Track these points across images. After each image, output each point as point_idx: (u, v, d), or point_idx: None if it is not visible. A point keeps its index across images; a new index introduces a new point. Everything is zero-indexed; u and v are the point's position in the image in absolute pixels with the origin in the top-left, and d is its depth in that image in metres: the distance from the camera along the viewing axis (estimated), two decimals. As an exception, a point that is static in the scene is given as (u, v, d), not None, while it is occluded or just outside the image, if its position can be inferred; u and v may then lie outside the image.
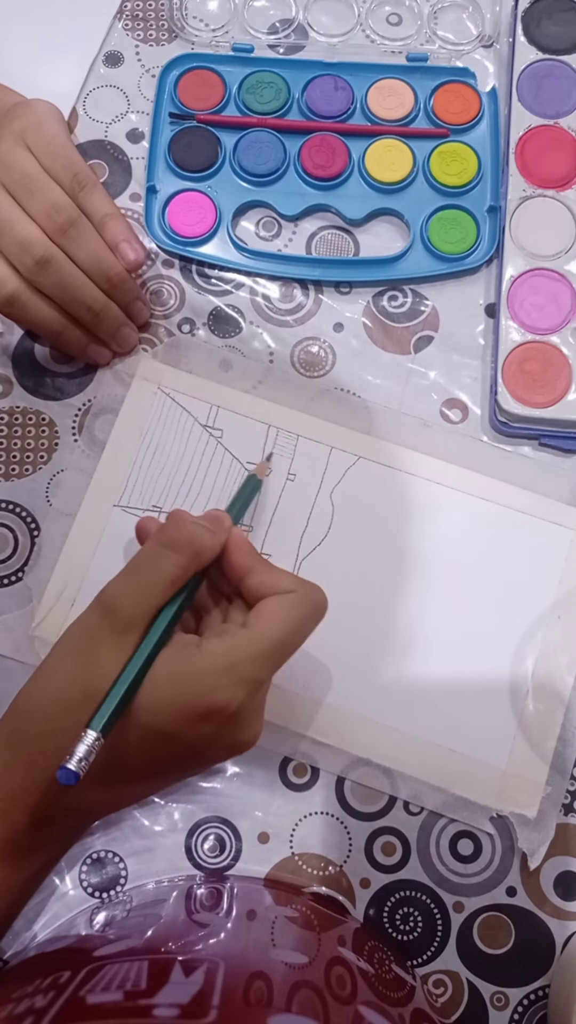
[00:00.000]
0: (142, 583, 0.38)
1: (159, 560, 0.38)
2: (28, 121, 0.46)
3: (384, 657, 0.46)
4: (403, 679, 0.46)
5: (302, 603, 0.39)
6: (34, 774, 0.36)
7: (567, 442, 0.49)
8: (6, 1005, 0.32)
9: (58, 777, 0.33)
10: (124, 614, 0.37)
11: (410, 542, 0.48)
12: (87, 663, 0.37)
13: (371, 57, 0.54)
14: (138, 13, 0.56)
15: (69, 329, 0.47)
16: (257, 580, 0.40)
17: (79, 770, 0.33)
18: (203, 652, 0.37)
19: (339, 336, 0.51)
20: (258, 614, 0.38)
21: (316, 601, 0.39)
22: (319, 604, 0.39)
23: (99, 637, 0.37)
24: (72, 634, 0.38)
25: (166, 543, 0.38)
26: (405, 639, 0.46)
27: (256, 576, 0.40)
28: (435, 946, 0.44)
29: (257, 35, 0.55)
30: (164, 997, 0.30)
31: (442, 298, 0.52)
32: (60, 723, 0.36)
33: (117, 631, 0.37)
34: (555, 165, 0.52)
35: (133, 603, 0.37)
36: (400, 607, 0.47)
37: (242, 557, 0.40)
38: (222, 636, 0.38)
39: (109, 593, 0.38)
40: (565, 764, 0.45)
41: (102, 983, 0.31)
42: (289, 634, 0.38)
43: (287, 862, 0.44)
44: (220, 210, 0.52)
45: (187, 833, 0.45)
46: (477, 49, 0.55)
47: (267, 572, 0.40)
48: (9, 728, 0.38)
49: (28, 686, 0.38)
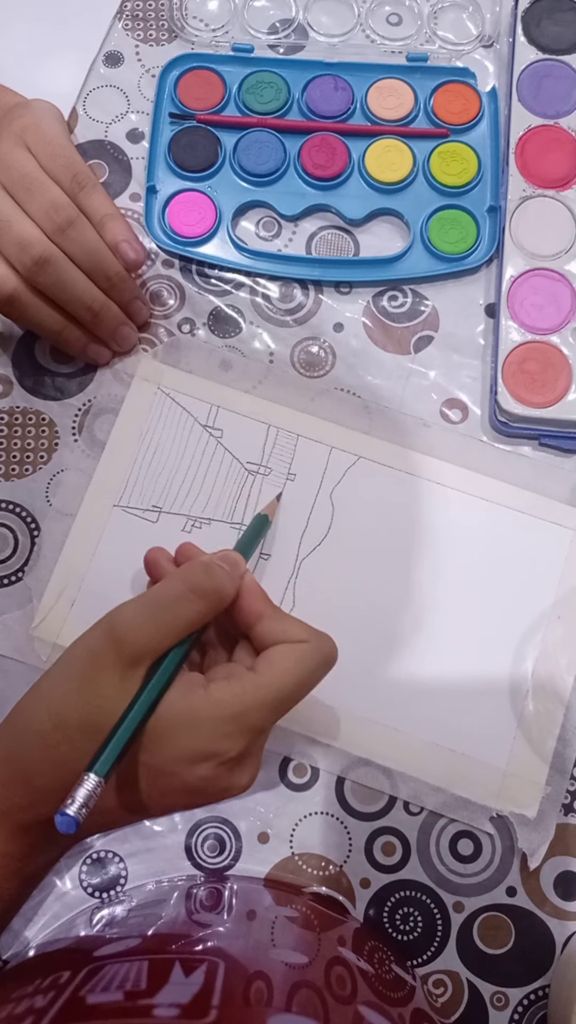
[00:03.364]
0: (160, 621, 0.36)
1: (183, 604, 0.37)
2: (27, 121, 0.46)
3: (384, 657, 0.46)
4: (403, 679, 0.46)
5: (313, 655, 0.38)
6: (30, 793, 0.36)
7: (567, 442, 0.49)
8: (6, 1005, 0.32)
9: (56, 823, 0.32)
10: (135, 648, 0.36)
11: (410, 542, 0.48)
12: (89, 690, 0.36)
13: (371, 57, 0.54)
14: (138, 13, 0.56)
15: (68, 328, 0.47)
16: (267, 627, 0.39)
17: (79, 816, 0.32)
18: (210, 697, 0.36)
19: (339, 336, 0.51)
20: (268, 662, 0.37)
21: (327, 653, 0.39)
22: (330, 656, 0.39)
23: (104, 665, 0.36)
24: (75, 656, 0.37)
25: (193, 587, 0.37)
26: (405, 639, 0.46)
27: (267, 623, 0.39)
28: (435, 946, 0.44)
29: (257, 35, 0.55)
30: (164, 997, 0.30)
31: (442, 298, 0.52)
32: (58, 748, 0.35)
33: (124, 662, 0.36)
34: (555, 165, 0.52)
35: (147, 638, 0.36)
36: (400, 607, 0.47)
37: (253, 602, 0.39)
38: (230, 680, 0.37)
39: (122, 622, 0.36)
40: (565, 764, 0.45)
41: (102, 983, 0.31)
42: (299, 685, 0.37)
43: (287, 862, 0.44)
44: (220, 210, 0.52)
45: (187, 833, 0.45)
46: (477, 49, 0.55)
47: (278, 619, 0.39)
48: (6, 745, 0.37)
49: (26, 703, 0.38)
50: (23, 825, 0.36)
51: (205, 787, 0.36)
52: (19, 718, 0.37)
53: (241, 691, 0.36)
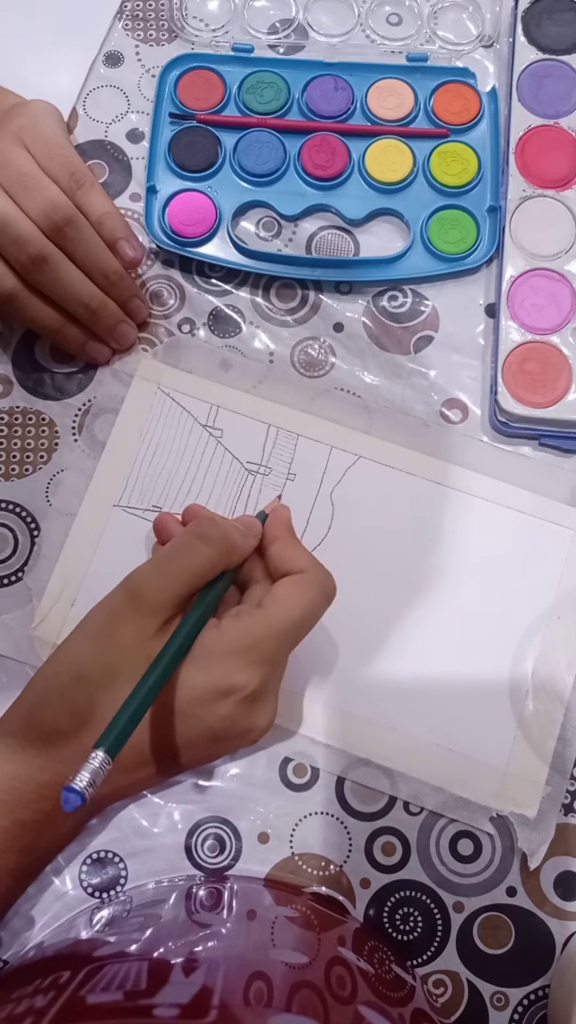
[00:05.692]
0: (170, 570, 0.39)
1: (190, 551, 0.39)
2: (26, 121, 0.46)
3: (384, 657, 0.46)
4: (403, 679, 0.46)
5: (312, 584, 0.40)
6: (48, 754, 0.37)
7: (567, 442, 0.49)
8: (6, 1005, 0.32)
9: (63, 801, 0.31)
10: (149, 598, 0.38)
11: (410, 542, 0.48)
12: (107, 643, 0.38)
13: (371, 57, 0.54)
14: (138, 13, 0.56)
15: (67, 327, 0.47)
16: (279, 551, 0.42)
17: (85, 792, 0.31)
18: (222, 633, 0.38)
19: (339, 336, 0.51)
20: (274, 596, 0.40)
21: (324, 584, 0.41)
22: (327, 588, 0.41)
23: (121, 619, 0.38)
24: (94, 617, 0.39)
25: (199, 536, 0.40)
26: (405, 639, 0.46)
27: (279, 547, 0.42)
28: (435, 946, 0.44)
29: (257, 35, 0.55)
30: (164, 997, 0.30)
31: (442, 298, 0.52)
32: (77, 701, 0.37)
33: (140, 613, 0.38)
34: (555, 165, 0.52)
35: (159, 589, 0.38)
36: (400, 607, 0.47)
37: (273, 526, 0.43)
38: (240, 616, 0.39)
39: (135, 578, 0.39)
40: (565, 764, 0.45)
41: (102, 983, 0.31)
42: (304, 614, 0.40)
43: (287, 862, 0.44)
44: (220, 210, 0.52)
45: (187, 833, 0.45)
46: (477, 49, 0.55)
47: (290, 546, 0.42)
48: (26, 707, 0.39)
49: (46, 666, 0.39)
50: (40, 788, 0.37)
51: (227, 728, 0.38)
52: (40, 678, 0.39)
53: (251, 625, 0.39)
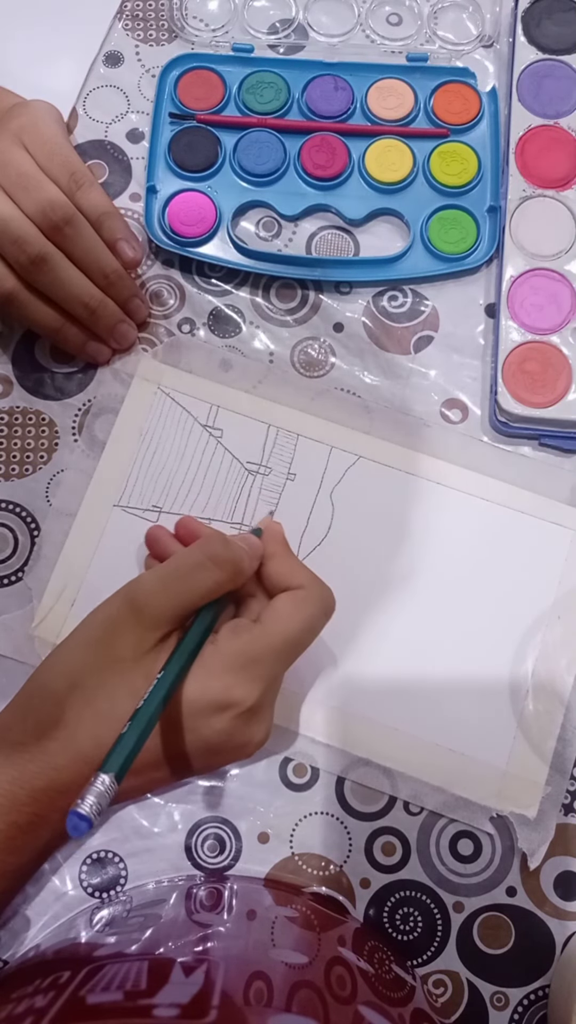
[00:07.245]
0: (178, 588, 0.38)
1: (200, 572, 0.38)
2: (25, 121, 0.46)
3: (384, 657, 0.46)
4: (403, 679, 0.46)
5: (312, 600, 0.40)
6: (43, 759, 0.37)
7: (567, 442, 0.49)
8: (6, 1005, 0.32)
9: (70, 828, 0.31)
10: (151, 613, 0.38)
11: (410, 542, 0.48)
12: (104, 652, 0.38)
13: (371, 57, 0.54)
14: (138, 13, 0.56)
15: (67, 327, 0.47)
16: (276, 568, 0.42)
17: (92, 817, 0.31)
18: (220, 648, 0.38)
19: (339, 336, 0.51)
20: (272, 611, 0.40)
21: (324, 600, 0.41)
22: (327, 603, 0.41)
23: (120, 630, 0.38)
24: (93, 623, 0.39)
25: (211, 557, 0.39)
26: (405, 639, 0.46)
27: (276, 563, 0.42)
28: (435, 946, 0.44)
29: (257, 35, 0.55)
30: (164, 997, 0.30)
31: (442, 298, 0.52)
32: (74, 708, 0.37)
33: (141, 626, 0.38)
34: (555, 165, 0.52)
35: (164, 606, 0.38)
36: (400, 607, 0.47)
37: (269, 542, 0.43)
38: (237, 632, 0.39)
39: (140, 590, 0.38)
40: (565, 764, 0.45)
41: (102, 983, 0.31)
42: (302, 630, 0.39)
43: (287, 862, 0.44)
44: (220, 210, 0.52)
45: (187, 833, 0.45)
46: (477, 49, 0.55)
47: (287, 562, 0.42)
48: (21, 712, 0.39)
49: (42, 670, 0.39)
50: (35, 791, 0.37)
51: (223, 742, 0.38)
52: (35, 683, 0.39)
53: (249, 641, 0.38)
